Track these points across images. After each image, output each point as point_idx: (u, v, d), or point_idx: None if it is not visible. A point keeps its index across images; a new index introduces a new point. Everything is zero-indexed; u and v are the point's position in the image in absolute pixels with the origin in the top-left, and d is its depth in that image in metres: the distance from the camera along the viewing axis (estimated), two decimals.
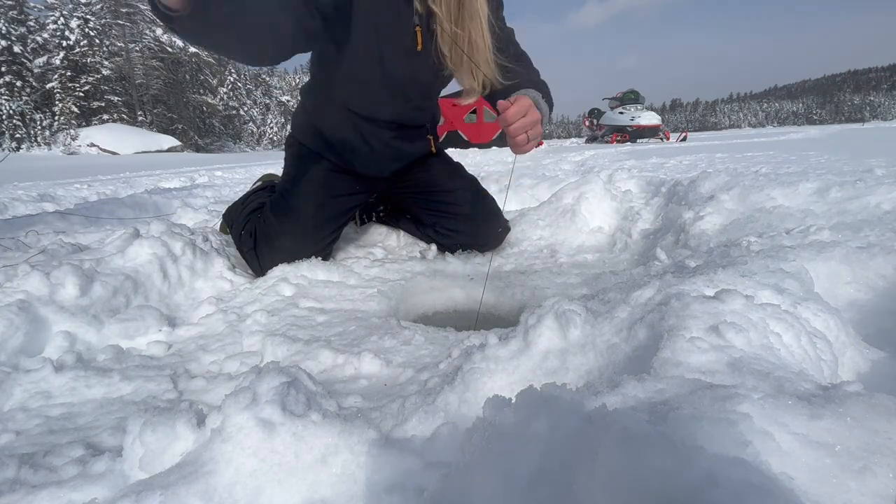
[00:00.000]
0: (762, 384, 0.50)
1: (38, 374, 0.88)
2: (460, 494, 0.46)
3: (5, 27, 28.04)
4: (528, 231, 1.94)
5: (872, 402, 0.43)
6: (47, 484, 0.59)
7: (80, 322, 1.06)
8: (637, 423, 0.39)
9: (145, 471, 0.55)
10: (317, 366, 0.93)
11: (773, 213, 1.35)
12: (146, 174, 7.15)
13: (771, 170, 2.68)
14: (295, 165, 1.66)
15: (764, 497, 0.32)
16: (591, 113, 21.33)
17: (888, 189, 1.29)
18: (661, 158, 5.65)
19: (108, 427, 0.76)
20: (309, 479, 0.53)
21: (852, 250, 0.95)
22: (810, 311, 0.73)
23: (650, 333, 0.67)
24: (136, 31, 35.44)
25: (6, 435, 0.75)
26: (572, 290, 1.37)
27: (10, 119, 26.95)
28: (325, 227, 1.63)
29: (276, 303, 1.29)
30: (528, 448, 0.42)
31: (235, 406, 0.55)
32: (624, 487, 0.34)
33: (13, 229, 1.89)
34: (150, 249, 1.32)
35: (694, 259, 1.23)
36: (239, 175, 6.52)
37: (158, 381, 0.91)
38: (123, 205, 3.05)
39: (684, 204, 1.67)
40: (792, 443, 0.39)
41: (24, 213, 2.70)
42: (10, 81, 27.81)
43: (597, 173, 2.29)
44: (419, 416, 0.64)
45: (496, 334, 0.83)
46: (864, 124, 32.68)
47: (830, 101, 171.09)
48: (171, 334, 1.14)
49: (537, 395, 0.47)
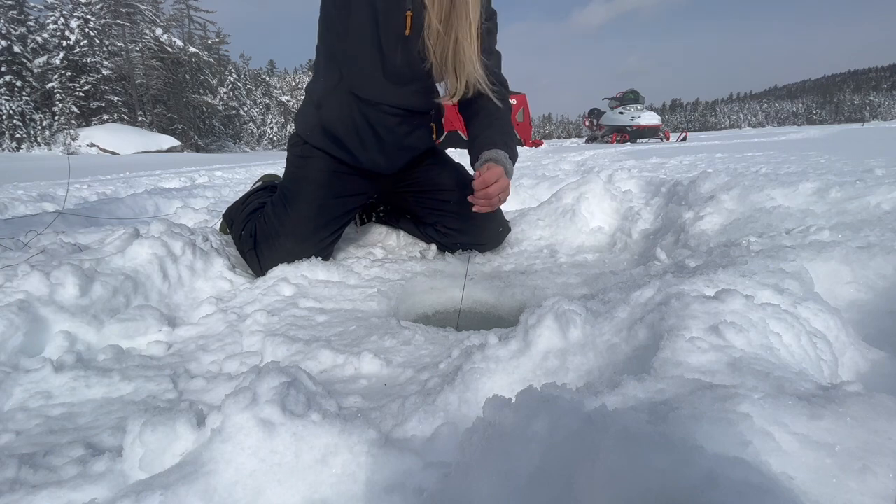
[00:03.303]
0: (762, 384, 0.50)
1: (38, 374, 0.88)
2: (460, 494, 0.46)
3: (5, 27, 28.03)
4: (528, 231, 1.94)
5: (872, 402, 0.43)
6: (47, 484, 0.59)
7: (80, 322, 1.06)
8: (637, 423, 0.39)
9: (145, 471, 0.55)
10: (317, 366, 0.93)
11: (773, 213, 1.35)
12: (146, 174, 7.15)
13: (771, 170, 2.68)
14: (297, 165, 1.66)
15: (764, 497, 0.32)
16: (592, 113, 21.33)
17: (888, 189, 1.29)
18: (661, 158, 5.65)
19: (108, 427, 0.76)
20: (309, 479, 0.53)
21: (852, 250, 0.95)
22: (810, 311, 0.73)
23: (650, 333, 0.67)
24: (136, 31, 35.43)
25: (6, 435, 0.75)
26: (572, 290, 1.37)
27: (10, 119, 26.95)
28: (326, 228, 1.63)
29: (276, 303, 1.29)
30: (528, 448, 0.42)
31: (235, 406, 0.55)
32: (624, 487, 0.34)
33: (13, 229, 1.89)
34: (150, 249, 1.32)
35: (694, 259, 1.23)
36: (239, 175, 6.51)
37: (158, 381, 0.91)
38: (123, 205, 3.05)
39: (684, 204, 1.67)
40: (792, 443, 0.39)
41: (24, 213, 2.70)
42: (10, 81, 27.79)
43: (597, 173, 2.29)
44: (419, 416, 0.64)
45: (496, 334, 0.83)
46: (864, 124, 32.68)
47: (830, 101, 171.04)
48: (171, 334, 1.14)
49: (537, 395, 0.47)
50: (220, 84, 42.54)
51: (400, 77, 1.52)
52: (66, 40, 30.28)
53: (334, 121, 1.58)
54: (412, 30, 1.45)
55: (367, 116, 1.56)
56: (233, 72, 44.99)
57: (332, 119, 1.58)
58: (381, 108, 1.55)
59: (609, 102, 20.02)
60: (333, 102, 1.56)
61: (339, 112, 1.57)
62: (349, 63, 1.51)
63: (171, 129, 34.71)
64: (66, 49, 30.10)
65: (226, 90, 42.73)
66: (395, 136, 1.60)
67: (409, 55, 1.48)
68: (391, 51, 1.47)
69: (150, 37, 35.83)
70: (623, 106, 18.83)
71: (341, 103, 1.55)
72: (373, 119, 1.56)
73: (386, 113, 1.56)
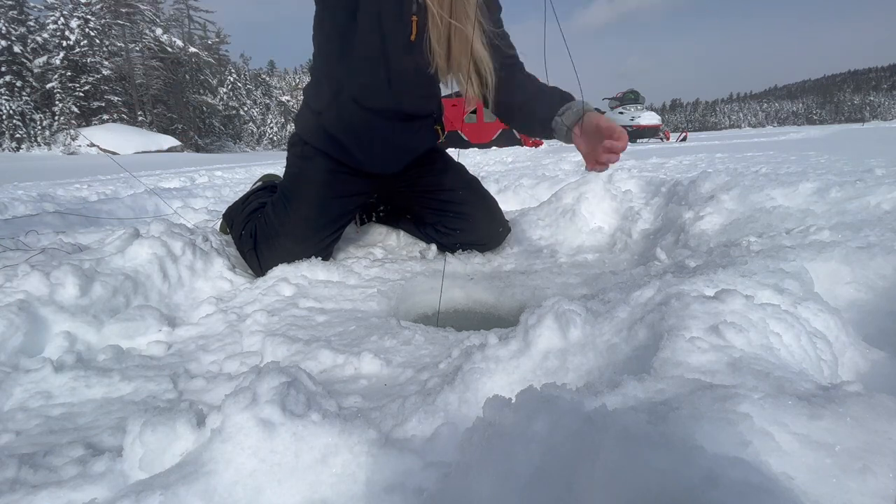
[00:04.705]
0: (762, 384, 0.50)
1: (38, 374, 0.88)
2: (460, 494, 0.46)
3: (5, 27, 28.02)
4: (528, 231, 1.94)
5: (872, 402, 0.43)
6: (47, 484, 0.59)
7: (80, 322, 1.06)
8: (637, 423, 0.39)
9: (145, 471, 0.55)
10: (317, 366, 0.93)
11: (773, 213, 1.35)
12: (146, 174, 7.15)
13: (771, 170, 2.68)
14: (297, 165, 1.66)
15: (764, 497, 0.32)
16: None
17: (888, 189, 1.29)
18: (661, 158, 5.65)
19: (108, 427, 0.76)
20: (309, 479, 0.53)
21: (852, 250, 0.95)
22: (810, 311, 0.73)
23: (650, 333, 0.67)
24: (136, 31, 35.42)
25: (6, 435, 0.75)
26: (572, 290, 1.37)
27: (10, 119, 26.94)
28: (326, 228, 1.63)
29: (276, 303, 1.29)
30: (528, 448, 0.42)
31: (235, 406, 0.55)
32: (624, 487, 0.34)
33: (13, 229, 1.89)
34: (150, 249, 1.32)
35: (694, 259, 1.23)
36: (239, 175, 6.52)
37: (158, 381, 0.91)
38: (123, 205, 3.05)
39: (684, 204, 1.67)
40: (792, 443, 0.39)
41: (24, 214, 2.70)
42: (10, 81, 27.78)
43: (597, 173, 2.29)
44: (419, 416, 0.64)
45: (496, 334, 0.83)
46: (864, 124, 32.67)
47: (830, 101, 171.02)
48: (171, 334, 1.14)
49: (537, 395, 0.47)
50: (220, 84, 42.54)
51: (406, 83, 1.51)
52: (66, 40, 30.28)
53: (335, 126, 1.57)
54: (417, 33, 1.43)
55: (370, 122, 1.55)
56: (233, 72, 44.99)
57: (333, 125, 1.57)
58: (384, 115, 1.54)
59: (609, 102, 20.03)
60: (334, 111, 1.56)
61: (340, 119, 1.56)
62: (352, 74, 1.50)
63: (171, 129, 34.70)
64: (66, 49, 30.09)
65: (226, 90, 42.72)
66: (398, 139, 1.60)
67: (415, 60, 1.47)
68: (398, 59, 1.46)
69: (150, 37, 35.83)
70: (623, 106, 18.84)
71: (343, 111, 1.54)
72: (376, 125, 1.55)
73: (390, 119, 1.55)
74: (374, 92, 1.51)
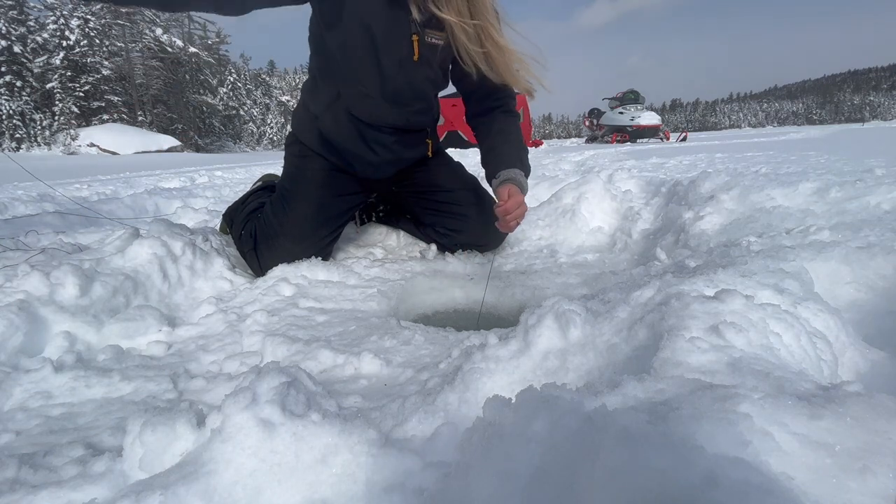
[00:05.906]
0: (762, 384, 0.50)
1: (38, 374, 0.88)
2: (460, 494, 0.46)
3: (5, 27, 28.01)
4: (528, 231, 1.94)
5: (872, 402, 0.43)
6: (47, 484, 0.59)
7: (80, 322, 1.06)
8: (637, 423, 0.39)
9: (145, 471, 0.55)
10: (317, 366, 0.93)
11: (773, 213, 1.35)
12: (146, 174, 7.15)
13: (771, 170, 2.68)
14: (295, 165, 1.66)
15: (764, 497, 0.32)
16: (592, 113, 21.33)
17: (888, 189, 1.29)
18: (661, 158, 5.65)
19: (108, 427, 0.76)
20: (309, 479, 0.53)
21: (852, 250, 0.95)
22: (810, 311, 0.73)
23: (650, 333, 0.67)
24: (136, 31, 35.42)
25: (6, 435, 0.75)
26: (572, 290, 1.37)
27: (10, 119, 26.94)
28: (325, 227, 1.63)
29: (276, 303, 1.29)
30: (528, 448, 0.42)
31: (235, 406, 0.55)
32: (624, 487, 0.34)
33: (13, 229, 1.89)
34: (150, 249, 1.32)
35: (694, 259, 1.23)
36: (239, 175, 6.51)
37: (158, 381, 0.91)
38: (123, 205, 3.05)
39: (684, 204, 1.67)
40: (792, 443, 0.39)
41: (24, 213, 2.70)
42: (10, 81, 27.77)
43: (597, 173, 2.29)
44: (419, 416, 0.64)
45: (496, 334, 0.83)
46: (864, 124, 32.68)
47: (830, 101, 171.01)
48: (171, 334, 1.14)
49: (537, 395, 0.47)
50: (220, 84, 42.53)
51: (400, 98, 1.51)
52: (66, 40, 30.27)
53: (331, 132, 1.58)
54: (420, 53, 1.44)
55: (364, 134, 1.56)
56: (233, 72, 44.96)
57: (328, 130, 1.59)
58: (377, 128, 1.56)
59: (609, 102, 20.03)
60: (330, 117, 1.57)
61: (335, 126, 1.57)
62: (347, 83, 1.50)
63: (171, 129, 34.70)
64: (66, 49, 30.09)
65: (226, 90, 42.71)
66: (390, 152, 1.61)
67: (415, 79, 1.49)
68: (392, 73, 1.46)
69: (150, 37, 35.82)
70: (623, 106, 18.83)
71: (338, 120, 1.55)
72: (369, 137, 1.56)
73: (383, 132, 1.57)
74: (367, 104, 1.51)
